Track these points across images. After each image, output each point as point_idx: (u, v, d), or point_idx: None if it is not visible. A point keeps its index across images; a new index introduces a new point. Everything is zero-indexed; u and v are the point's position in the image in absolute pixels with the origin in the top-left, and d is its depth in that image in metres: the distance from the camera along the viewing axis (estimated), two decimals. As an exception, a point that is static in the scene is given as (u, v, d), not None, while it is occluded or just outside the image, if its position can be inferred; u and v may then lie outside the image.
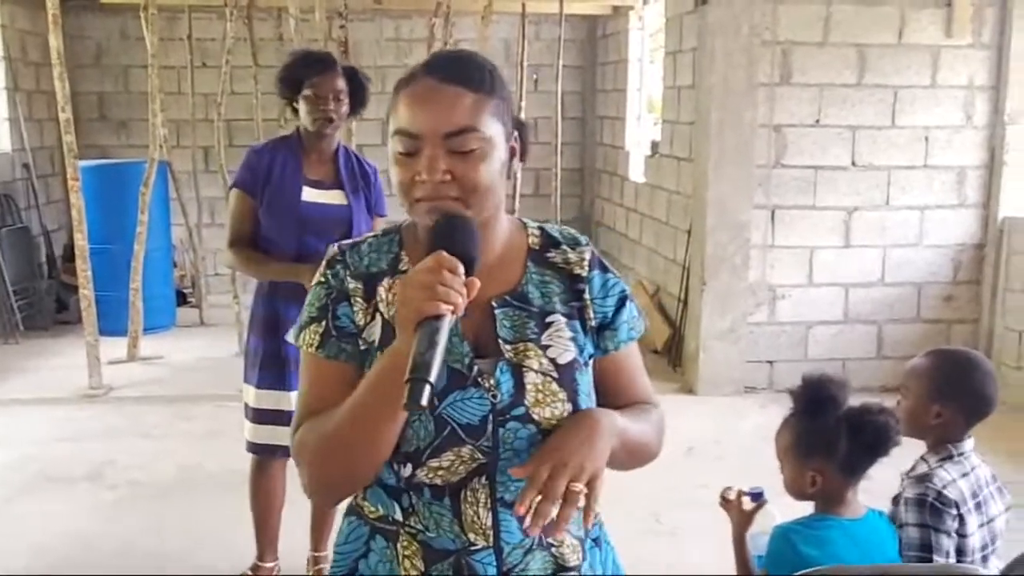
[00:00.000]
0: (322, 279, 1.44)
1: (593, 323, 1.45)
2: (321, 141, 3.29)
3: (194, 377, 6.19)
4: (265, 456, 3.33)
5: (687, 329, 6.28)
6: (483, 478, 1.36)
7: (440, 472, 1.36)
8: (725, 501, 2.24)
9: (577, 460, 1.27)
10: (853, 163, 5.97)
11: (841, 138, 5.93)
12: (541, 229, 1.50)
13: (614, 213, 8.73)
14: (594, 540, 1.51)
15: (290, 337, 1.45)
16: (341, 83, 3.24)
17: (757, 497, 2.21)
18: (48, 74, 6.25)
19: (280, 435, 3.24)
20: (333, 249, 1.46)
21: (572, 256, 1.47)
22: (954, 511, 2.14)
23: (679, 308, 6.52)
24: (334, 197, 3.29)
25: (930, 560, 2.11)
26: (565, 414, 1.37)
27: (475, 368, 1.36)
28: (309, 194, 3.25)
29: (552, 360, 1.39)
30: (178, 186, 7.86)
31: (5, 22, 7.75)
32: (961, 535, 2.16)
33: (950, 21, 5.84)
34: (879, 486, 2.23)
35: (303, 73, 3.24)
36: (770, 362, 6.11)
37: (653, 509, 4.22)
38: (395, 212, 1.80)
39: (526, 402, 1.36)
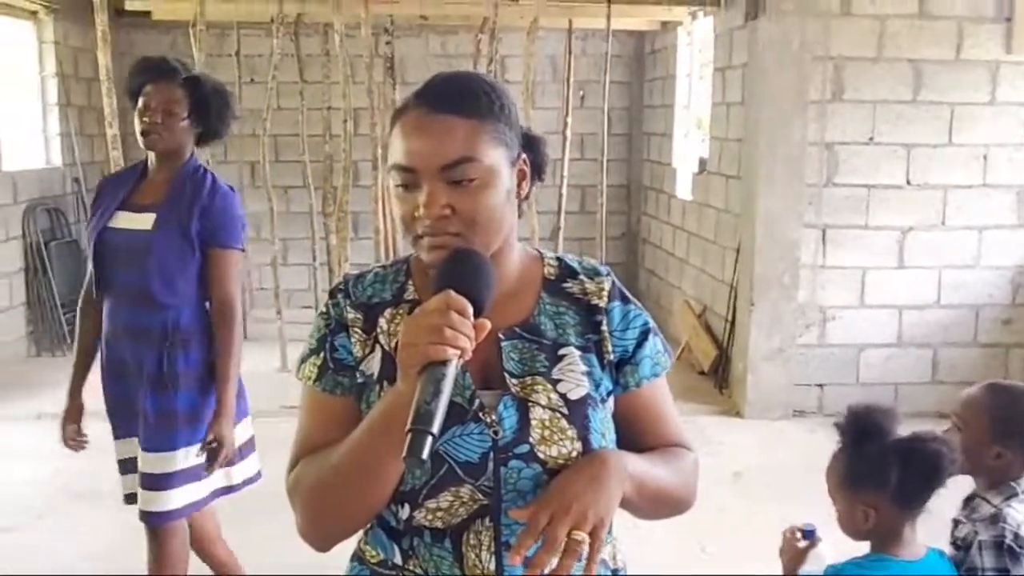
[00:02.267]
0: (324, 310, 1.39)
1: (612, 357, 1.37)
2: (160, 161, 2.87)
3: (236, 392, 6.16)
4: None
5: (734, 350, 6.15)
6: (486, 519, 1.28)
7: (439, 514, 1.28)
8: (784, 540, 2.14)
9: (580, 506, 1.18)
10: (908, 182, 5.82)
11: (895, 156, 5.78)
12: (559, 260, 1.43)
13: (661, 231, 8.62)
14: None
15: (293, 370, 1.40)
16: (177, 94, 2.82)
17: (810, 535, 2.10)
18: (99, 90, 6.30)
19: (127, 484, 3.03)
20: (338, 279, 1.42)
21: (590, 286, 1.39)
22: None
23: (726, 329, 6.38)
24: (141, 222, 2.80)
25: None
26: (574, 453, 1.28)
27: (476, 402, 1.28)
28: (120, 219, 2.83)
29: (562, 395, 1.30)
30: (224, 201, 7.87)
31: (58, 39, 7.87)
32: None
33: (1010, 36, 5.68)
34: (941, 522, 2.11)
35: (138, 82, 2.85)
36: (820, 385, 5.96)
37: (699, 536, 4.10)
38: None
39: (531, 439, 1.27)
